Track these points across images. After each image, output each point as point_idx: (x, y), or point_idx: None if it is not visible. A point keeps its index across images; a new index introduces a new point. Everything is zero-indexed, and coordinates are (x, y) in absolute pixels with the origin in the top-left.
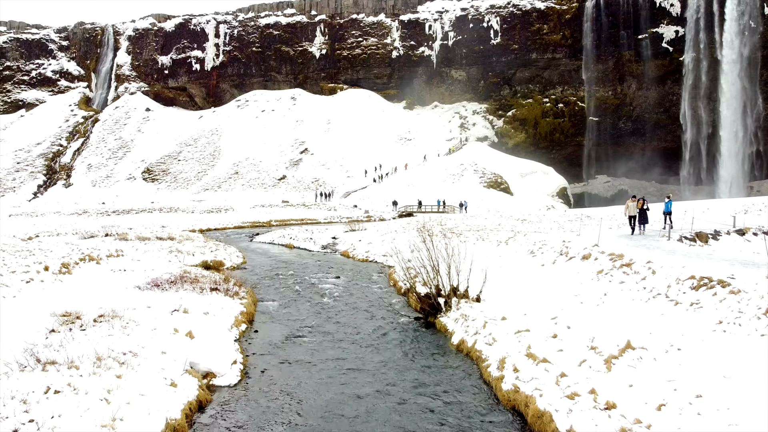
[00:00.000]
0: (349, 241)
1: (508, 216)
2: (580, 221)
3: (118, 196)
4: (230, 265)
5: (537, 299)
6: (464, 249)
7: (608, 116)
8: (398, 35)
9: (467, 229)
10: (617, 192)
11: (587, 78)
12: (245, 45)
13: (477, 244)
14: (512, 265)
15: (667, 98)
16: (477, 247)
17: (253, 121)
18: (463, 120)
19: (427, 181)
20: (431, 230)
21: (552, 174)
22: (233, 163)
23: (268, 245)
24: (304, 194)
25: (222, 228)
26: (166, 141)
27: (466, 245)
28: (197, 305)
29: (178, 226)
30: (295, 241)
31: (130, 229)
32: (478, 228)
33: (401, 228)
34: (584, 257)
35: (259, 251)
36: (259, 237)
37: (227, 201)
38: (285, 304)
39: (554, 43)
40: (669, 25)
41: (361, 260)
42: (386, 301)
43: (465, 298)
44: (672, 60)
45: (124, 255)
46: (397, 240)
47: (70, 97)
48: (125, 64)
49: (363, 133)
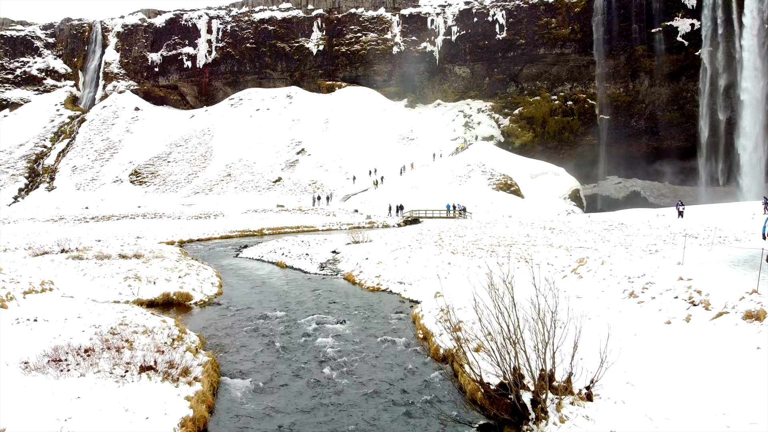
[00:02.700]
0: (354, 259)
1: (528, 223)
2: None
3: (103, 200)
4: (199, 299)
5: (702, 406)
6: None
7: (620, 114)
8: (399, 30)
9: (496, 244)
10: (629, 193)
11: (598, 74)
12: (239, 41)
13: (522, 268)
14: (609, 317)
15: (681, 95)
16: (527, 275)
17: (247, 120)
18: (467, 119)
19: (433, 183)
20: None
21: (563, 175)
22: (226, 164)
23: (256, 262)
24: (300, 197)
25: (206, 239)
26: (155, 142)
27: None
28: (102, 415)
29: (156, 236)
30: (288, 257)
31: (98, 241)
32: (509, 242)
33: (414, 240)
34: (748, 316)
35: (242, 273)
36: (247, 250)
37: (218, 205)
38: (262, 386)
39: (563, 38)
40: (684, 17)
41: (371, 289)
42: (419, 375)
43: (567, 392)
44: (687, 55)
45: (53, 289)
46: (414, 258)
47: (56, 96)
48: (114, 62)
49: (363, 133)
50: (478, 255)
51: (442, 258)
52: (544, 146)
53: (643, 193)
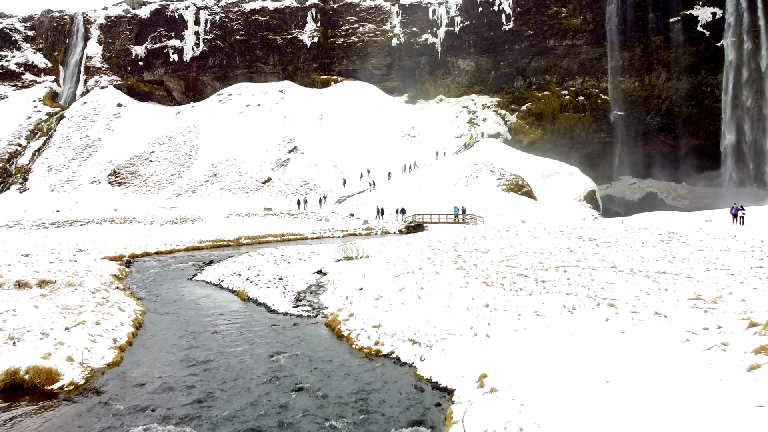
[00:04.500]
0: (343, 287)
1: (556, 231)
2: (675, 241)
3: (77, 202)
4: (72, 379)
5: None
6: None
7: (634, 110)
8: (398, 21)
9: (538, 265)
10: (645, 195)
11: (611, 67)
12: (228, 33)
13: (613, 320)
14: None
15: (700, 90)
16: (597, 331)
17: (236, 116)
18: (471, 115)
19: (436, 183)
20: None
21: (578, 175)
22: (212, 164)
23: (212, 289)
24: (291, 199)
25: (167, 251)
26: (137, 140)
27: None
28: None
29: (105, 248)
30: (254, 284)
31: (26, 256)
32: (554, 261)
33: (425, 258)
34: None
35: (181, 311)
36: (209, 270)
37: (201, 208)
38: None
39: (574, 29)
40: (705, 6)
41: (367, 352)
42: None
43: None
44: (708, 46)
45: None
46: (430, 291)
47: (34, 92)
48: (96, 56)
49: (360, 130)
50: (522, 286)
51: (472, 292)
52: (554, 144)
53: (660, 195)
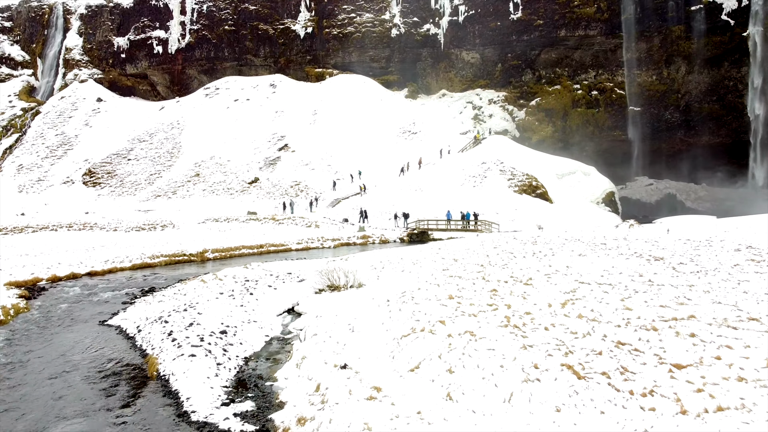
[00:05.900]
0: (316, 365)
1: (591, 241)
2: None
3: (46, 204)
4: None
5: None
6: None
7: (652, 106)
8: (398, 10)
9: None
10: (664, 196)
11: (627, 60)
12: (216, 23)
13: None
14: None
15: (722, 84)
16: None
17: (223, 112)
18: (477, 110)
19: (440, 184)
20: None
21: (595, 175)
22: (195, 163)
23: (120, 344)
24: (279, 202)
25: (107, 271)
26: (116, 137)
27: None
28: None
29: (21, 268)
30: (179, 345)
31: None
32: (617, 295)
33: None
34: None
35: (25, 404)
36: (136, 307)
37: (180, 211)
38: None
39: (587, 18)
40: None
41: None
42: None
43: None
44: (733, 36)
45: None
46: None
47: (10, 86)
48: (75, 48)
49: (357, 126)
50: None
51: (552, 390)
52: (566, 142)
53: (679, 197)
